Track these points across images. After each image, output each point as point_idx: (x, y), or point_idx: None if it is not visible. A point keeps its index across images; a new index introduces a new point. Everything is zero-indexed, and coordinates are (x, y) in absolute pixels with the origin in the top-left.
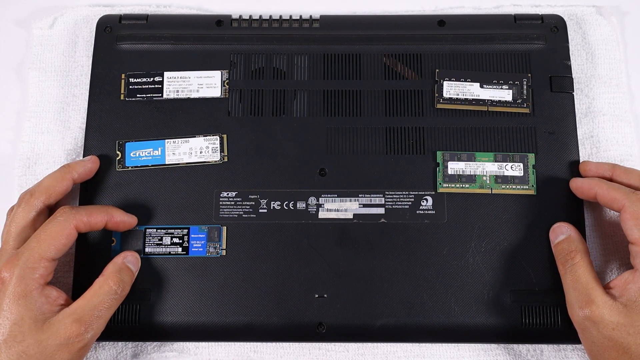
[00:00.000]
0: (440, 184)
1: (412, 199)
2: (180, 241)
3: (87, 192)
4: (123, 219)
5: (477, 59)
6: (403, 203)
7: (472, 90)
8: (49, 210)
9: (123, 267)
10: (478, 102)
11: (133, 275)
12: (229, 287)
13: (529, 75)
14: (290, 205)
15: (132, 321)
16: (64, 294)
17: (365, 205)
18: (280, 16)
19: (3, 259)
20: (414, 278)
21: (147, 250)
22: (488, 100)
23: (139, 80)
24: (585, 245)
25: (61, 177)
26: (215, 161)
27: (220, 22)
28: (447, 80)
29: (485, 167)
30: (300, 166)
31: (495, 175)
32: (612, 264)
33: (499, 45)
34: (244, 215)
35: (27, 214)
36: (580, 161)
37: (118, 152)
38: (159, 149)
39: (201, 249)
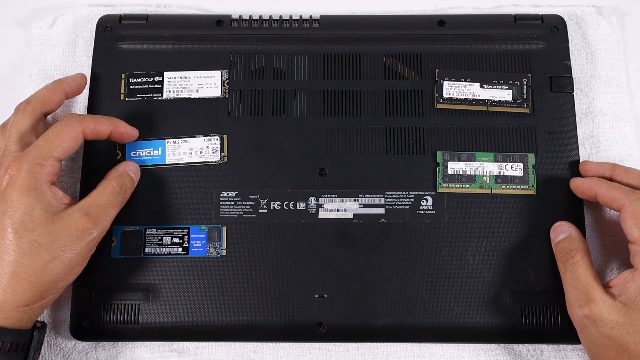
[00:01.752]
0: (440, 184)
1: (412, 199)
2: (181, 241)
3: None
4: (127, 130)
5: (477, 59)
6: (403, 203)
7: (472, 90)
8: (46, 120)
9: (124, 173)
10: (478, 102)
11: (133, 183)
12: (229, 287)
13: (529, 75)
14: (290, 205)
15: (132, 321)
16: (69, 196)
17: (365, 205)
18: (280, 16)
19: (8, 158)
20: (414, 278)
21: (147, 250)
22: (488, 100)
23: (139, 80)
24: (585, 245)
25: (54, 88)
26: (215, 161)
27: (220, 22)
28: (447, 80)
29: (485, 167)
30: (300, 166)
31: (495, 175)
32: (612, 263)
33: (498, 45)
34: (244, 215)
35: (26, 120)
36: (580, 161)
37: (118, 152)
38: (159, 148)
39: (201, 249)
